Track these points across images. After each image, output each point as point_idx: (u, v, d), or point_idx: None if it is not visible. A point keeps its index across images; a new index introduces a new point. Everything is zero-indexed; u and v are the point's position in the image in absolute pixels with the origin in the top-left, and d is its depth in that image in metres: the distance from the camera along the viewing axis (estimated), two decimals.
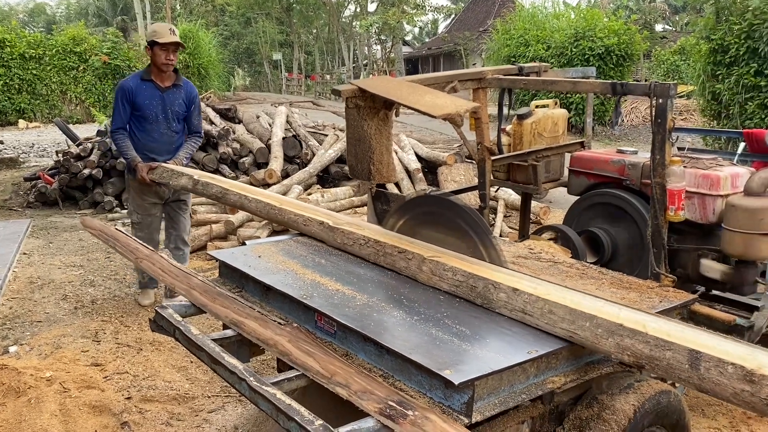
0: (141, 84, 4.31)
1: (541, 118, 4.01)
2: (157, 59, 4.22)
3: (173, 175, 3.97)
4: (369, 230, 2.76)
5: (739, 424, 3.24)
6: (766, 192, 3.01)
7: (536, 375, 1.96)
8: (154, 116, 4.34)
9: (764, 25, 10.15)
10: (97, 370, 3.71)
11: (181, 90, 4.44)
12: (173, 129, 4.46)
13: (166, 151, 4.44)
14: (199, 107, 4.59)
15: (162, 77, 4.32)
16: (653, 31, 27.37)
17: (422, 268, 2.42)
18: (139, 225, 4.51)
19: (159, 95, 4.33)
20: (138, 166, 4.26)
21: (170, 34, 4.20)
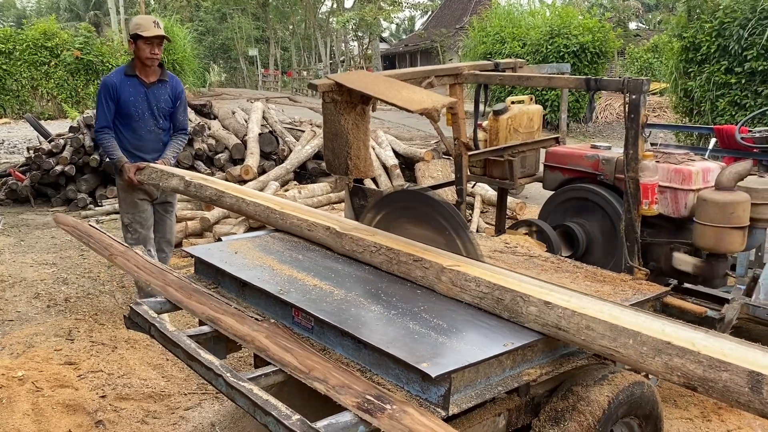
0: (125, 80, 4.11)
1: (516, 114, 4.03)
2: (141, 54, 4.03)
3: (163, 176, 3.78)
4: (380, 236, 2.62)
5: (710, 414, 3.31)
6: (736, 186, 3.06)
7: (512, 367, 1.98)
8: (139, 113, 4.14)
9: (734, 24, 10.34)
10: (71, 369, 3.66)
11: (167, 85, 4.25)
12: (160, 126, 4.27)
13: (153, 150, 4.25)
14: (185, 103, 4.43)
15: (147, 72, 4.13)
16: (627, 29, 27.70)
17: (441, 278, 2.27)
18: (131, 226, 4.24)
19: (144, 91, 4.14)
20: (125, 166, 4.06)
21: (154, 27, 4.01)
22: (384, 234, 2.67)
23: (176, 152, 4.37)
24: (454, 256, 2.42)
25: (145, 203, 4.29)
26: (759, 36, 10.05)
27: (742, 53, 10.31)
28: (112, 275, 5.36)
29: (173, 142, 4.37)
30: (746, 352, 1.64)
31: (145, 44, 3.99)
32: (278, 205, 3.07)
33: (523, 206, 7.08)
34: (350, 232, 2.67)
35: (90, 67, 19.55)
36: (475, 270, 2.24)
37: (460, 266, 2.27)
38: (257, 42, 39.61)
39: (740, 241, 3.05)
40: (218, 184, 3.43)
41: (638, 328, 1.79)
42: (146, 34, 3.95)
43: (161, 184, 3.80)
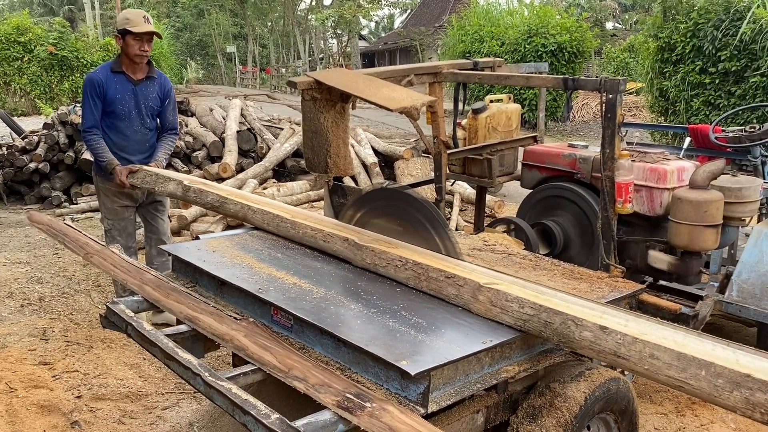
0: (111, 76, 3.89)
1: (495, 113, 4.06)
2: (130, 50, 3.82)
3: (158, 180, 3.57)
4: (404, 249, 2.45)
5: (684, 409, 3.37)
6: (709, 185, 3.12)
7: (491, 365, 1.99)
8: (126, 112, 3.93)
9: (708, 25, 10.49)
10: (46, 369, 3.61)
11: (155, 83, 4.04)
12: (147, 126, 4.05)
13: (139, 151, 4.04)
14: (174, 102, 4.22)
15: (134, 69, 3.93)
16: (604, 29, 27.98)
17: (478, 297, 2.10)
18: (111, 232, 4.08)
19: (131, 89, 3.93)
20: (116, 169, 3.83)
21: (144, 22, 3.82)
22: (407, 246, 2.51)
23: (168, 153, 4.16)
24: (490, 272, 2.27)
25: (128, 210, 4.10)
26: (732, 37, 10.22)
27: (716, 54, 10.48)
28: (87, 274, 5.29)
29: (164, 143, 4.16)
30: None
31: (134, 40, 3.80)
32: (289, 214, 2.89)
33: (501, 204, 7.12)
34: (371, 244, 2.50)
35: (64, 63, 19.21)
36: (515, 289, 2.08)
37: (498, 284, 2.11)
38: (235, 39, 39.30)
39: (714, 239, 3.10)
40: (220, 190, 3.24)
41: (710, 357, 1.63)
42: (136, 30, 3.77)
43: (156, 188, 3.59)
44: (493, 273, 2.27)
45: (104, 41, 19.85)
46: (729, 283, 3.49)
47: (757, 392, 1.52)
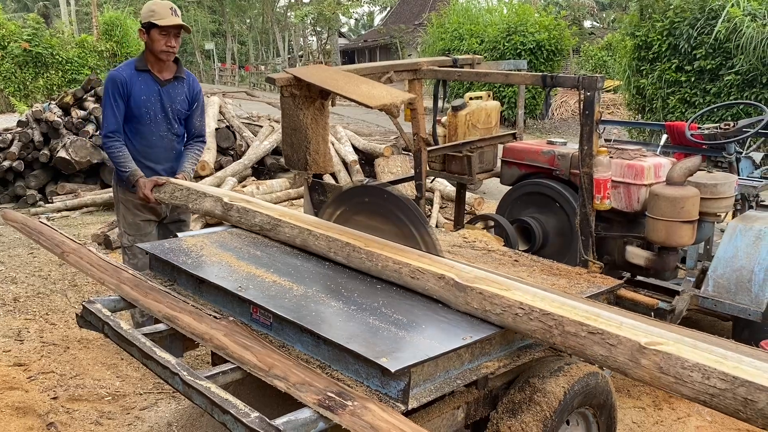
0: (135, 75, 3.47)
1: (475, 110, 4.07)
2: (155, 46, 3.41)
3: (190, 196, 3.17)
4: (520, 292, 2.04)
5: (661, 403, 3.41)
6: (686, 182, 3.16)
7: (471, 361, 2.00)
8: (151, 116, 3.50)
9: (684, 23, 10.63)
10: (21, 371, 3.55)
11: (184, 84, 3.61)
12: (174, 131, 3.61)
13: (166, 159, 3.61)
14: (203, 105, 3.80)
15: (161, 67, 3.51)
16: (582, 27, 28.22)
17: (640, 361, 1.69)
18: (131, 249, 3.57)
19: (157, 90, 3.50)
20: (139, 182, 3.39)
21: (172, 14, 3.41)
22: (524, 286, 2.12)
23: (195, 163, 3.72)
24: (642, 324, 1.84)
25: (150, 225, 3.66)
26: (707, 35, 10.36)
27: (692, 52, 10.62)
28: (63, 273, 5.22)
29: (191, 152, 3.70)
30: None
31: (160, 35, 3.39)
32: (361, 242, 2.49)
33: (481, 201, 7.15)
34: (476, 284, 2.09)
35: (39, 60, 18.93)
36: (688, 351, 1.66)
37: (664, 344, 1.69)
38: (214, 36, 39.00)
39: (690, 234, 3.14)
40: (270, 210, 2.88)
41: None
42: (162, 23, 3.37)
43: (189, 205, 3.17)
44: (654, 329, 1.82)
45: (80, 38, 19.57)
46: (705, 278, 3.54)
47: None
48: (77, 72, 18.48)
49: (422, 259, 2.33)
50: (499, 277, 2.18)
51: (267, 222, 2.78)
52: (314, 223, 2.72)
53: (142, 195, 3.38)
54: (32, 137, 7.84)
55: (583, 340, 1.80)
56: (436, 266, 2.24)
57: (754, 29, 9.65)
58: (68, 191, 7.86)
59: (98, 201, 7.55)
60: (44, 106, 8.39)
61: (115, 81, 3.44)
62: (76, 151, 7.69)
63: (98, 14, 20.62)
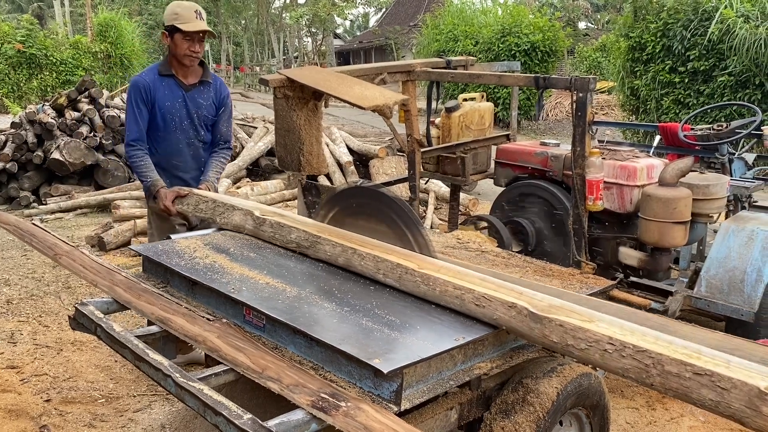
0: (159, 80, 3.36)
1: (468, 111, 4.08)
2: (178, 50, 3.29)
3: (217, 209, 2.99)
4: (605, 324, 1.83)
5: (654, 403, 3.42)
6: (678, 183, 3.17)
7: (463, 361, 2.00)
8: (176, 122, 3.39)
9: (678, 25, 10.67)
10: (14, 373, 3.54)
11: (210, 88, 3.48)
12: (200, 138, 3.49)
13: (193, 168, 3.51)
14: (230, 111, 3.66)
15: (185, 72, 3.39)
16: (576, 29, 28.29)
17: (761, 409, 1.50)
18: None
19: (182, 95, 3.39)
20: (160, 192, 3.25)
21: (196, 18, 3.28)
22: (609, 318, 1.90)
23: (220, 172, 3.58)
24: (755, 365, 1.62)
25: (183, 230, 3.54)
26: (701, 37, 10.41)
27: (685, 53, 10.66)
28: (57, 275, 5.20)
29: (216, 159, 3.55)
30: None
31: (184, 39, 3.27)
32: (414, 263, 2.26)
33: (476, 202, 7.16)
34: (554, 315, 1.89)
35: (33, 61, 18.85)
36: None
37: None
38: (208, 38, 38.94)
39: (682, 235, 3.16)
40: (307, 225, 2.68)
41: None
42: (186, 28, 3.24)
43: (216, 219, 2.98)
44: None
45: (74, 39, 19.52)
46: (698, 279, 3.56)
47: None
48: (71, 73, 18.42)
49: (486, 284, 2.10)
50: (577, 306, 1.97)
51: (304, 239, 2.58)
52: (358, 241, 2.48)
53: (162, 206, 3.24)
54: (26, 139, 7.81)
55: (687, 382, 1.61)
56: (504, 292, 2.03)
57: (747, 30, 9.70)
58: (62, 193, 7.84)
59: (92, 203, 7.53)
60: (38, 108, 8.36)
61: (138, 87, 3.33)
62: (69, 152, 7.67)
63: (92, 15, 20.55)
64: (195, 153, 3.51)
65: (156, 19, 37.58)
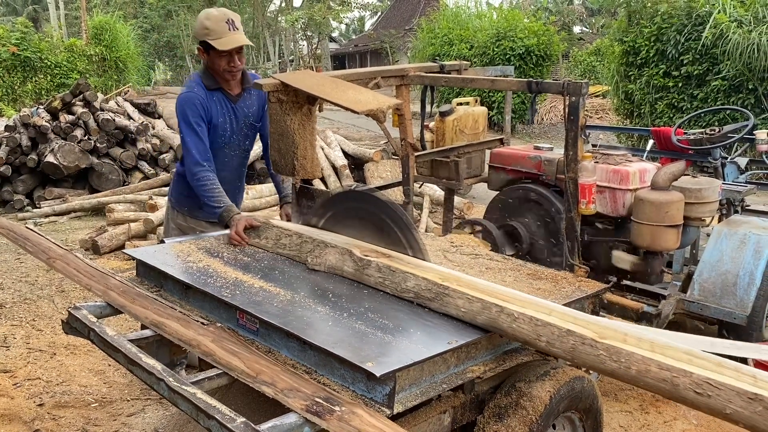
0: (210, 96, 3.15)
1: (462, 116, 4.09)
2: (216, 67, 3.10)
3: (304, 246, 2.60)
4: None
5: (648, 407, 3.43)
6: (670, 186, 3.19)
7: (456, 365, 2.01)
8: (227, 136, 3.22)
9: (671, 29, 10.73)
10: (6, 377, 3.53)
11: (252, 94, 3.29)
12: (245, 148, 3.35)
13: (233, 179, 3.37)
14: None
15: (229, 84, 3.20)
16: (571, 33, 28.39)
17: None
18: None
19: (230, 107, 3.22)
20: (235, 219, 2.91)
21: (229, 29, 3.01)
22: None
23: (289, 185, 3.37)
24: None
25: None
26: (694, 41, 10.46)
27: (679, 57, 10.72)
28: (50, 279, 5.19)
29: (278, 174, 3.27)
30: None
31: (221, 57, 3.06)
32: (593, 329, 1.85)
33: (470, 206, 7.17)
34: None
35: (27, 64, 18.80)
36: None
37: None
38: None
39: (675, 239, 3.17)
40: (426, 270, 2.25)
41: None
42: (220, 47, 3.01)
43: (308, 259, 2.55)
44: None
45: (69, 42, 19.49)
46: (691, 282, 3.58)
47: None
48: (66, 76, 18.39)
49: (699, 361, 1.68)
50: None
51: (426, 289, 2.15)
52: (502, 294, 2.07)
53: (235, 235, 2.88)
54: (20, 142, 7.80)
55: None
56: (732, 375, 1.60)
57: (741, 35, 9.75)
58: (56, 196, 7.82)
59: (86, 206, 7.51)
60: (32, 111, 8.36)
61: (194, 103, 3.08)
62: (64, 155, 7.66)
63: (88, 18, 20.52)
64: (237, 162, 3.38)
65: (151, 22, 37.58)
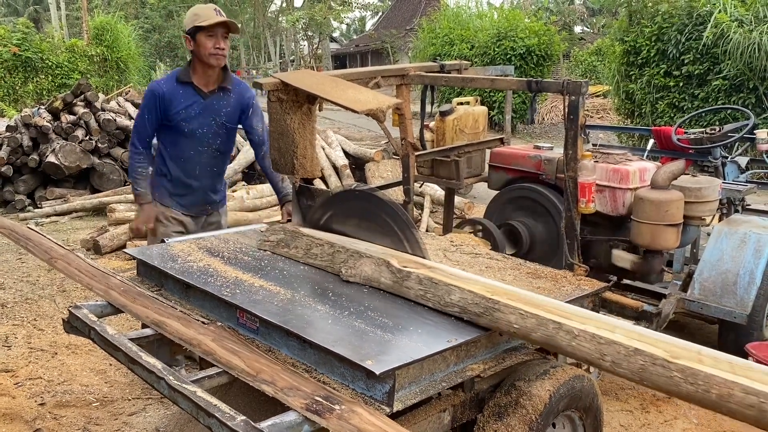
0: (177, 88, 3.29)
1: (462, 115, 4.09)
2: (203, 50, 3.20)
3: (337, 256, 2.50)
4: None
5: (648, 406, 3.43)
6: (670, 185, 3.19)
7: (456, 363, 2.01)
8: (191, 129, 3.31)
9: (672, 29, 10.73)
10: (8, 377, 3.54)
11: (230, 95, 3.38)
12: (216, 147, 3.41)
13: (204, 176, 3.43)
14: (259, 111, 3.47)
15: (206, 78, 3.30)
16: (572, 33, 28.37)
17: None
18: None
19: (200, 102, 3.31)
20: (144, 208, 3.24)
21: (216, 14, 3.21)
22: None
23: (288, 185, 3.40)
24: None
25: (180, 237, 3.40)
26: (695, 41, 10.46)
27: (680, 57, 10.72)
28: (52, 279, 5.20)
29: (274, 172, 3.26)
30: None
31: (207, 37, 3.18)
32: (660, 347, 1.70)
33: (471, 206, 7.17)
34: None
35: (29, 64, 18.83)
36: None
37: None
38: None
39: (674, 238, 3.17)
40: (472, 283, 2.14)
41: None
42: (206, 23, 3.16)
43: (342, 270, 2.42)
44: None
45: (70, 42, 19.51)
46: (691, 282, 3.58)
47: None
48: (67, 77, 18.41)
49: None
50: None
51: (473, 303, 2.02)
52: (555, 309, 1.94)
53: (136, 224, 3.20)
54: (21, 142, 7.81)
55: None
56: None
57: (741, 35, 9.75)
58: (57, 196, 7.83)
59: (87, 206, 7.52)
60: (34, 111, 8.37)
61: (152, 94, 3.28)
62: (65, 156, 7.67)
63: (89, 19, 20.55)
64: (207, 161, 3.43)
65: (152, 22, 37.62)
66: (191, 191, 3.43)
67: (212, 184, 3.50)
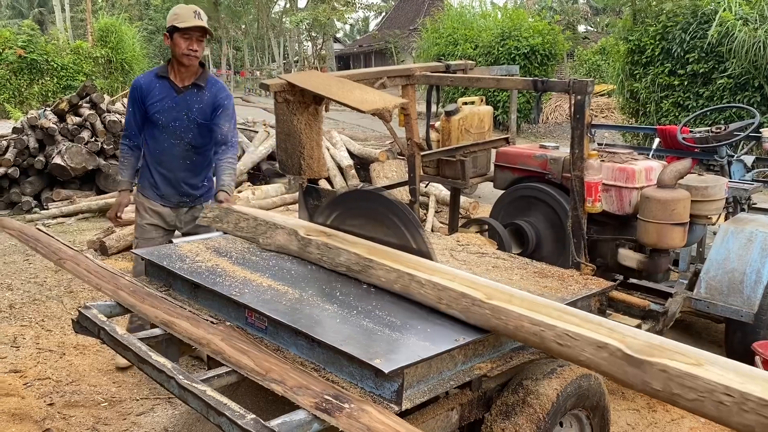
0: (154, 81, 3.51)
1: (467, 115, 4.10)
2: (177, 49, 3.39)
3: (258, 228, 2.82)
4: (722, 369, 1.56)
5: (656, 405, 3.43)
6: (676, 184, 3.19)
7: (464, 362, 2.02)
8: (164, 122, 3.50)
9: (677, 28, 10.71)
10: (17, 377, 3.56)
11: (204, 92, 3.53)
12: (188, 141, 3.55)
13: (178, 168, 3.58)
14: (231, 112, 3.62)
15: (181, 74, 3.49)
16: (576, 32, 28.34)
17: None
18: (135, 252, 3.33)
19: (174, 97, 3.50)
20: (120, 194, 3.61)
21: (195, 18, 3.37)
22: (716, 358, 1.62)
23: (233, 175, 3.55)
24: None
25: (157, 230, 3.67)
26: (700, 39, 10.44)
27: (684, 56, 10.69)
28: (59, 280, 5.22)
29: (224, 163, 3.51)
30: None
31: (182, 38, 3.38)
32: (482, 291, 2.04)
33: (476, 205, 7.18)
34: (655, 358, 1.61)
35: (34, 66, 18.91)
36: None
37: None
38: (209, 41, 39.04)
39: (681, 236, 3.17)
40: (357, 247, 2.47)
41: None
42: (183, 26, 3.34)
43: (259, 239, 2.78)
44: None
45: (75, 44, 19.57)
46: (697, 280, 3.57)
47: None
48: (72, 78, 18.47)
49: (567, 316, 1.85)
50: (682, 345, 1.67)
51: (354, 262, 2.39)
52: (415, 265, 2.26)
53: (113, 212, 3.64)
54: (27, 144, 7.84)
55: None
56: (591, 328, 1.76)
57: (746, 33, 9.73)
58: (64, 198, 7.86)
59: (94, 207, 7.55)
60: (39, 113, 8.39)
61: (133, 87, 3.58)
62: (71, 157, 7.70)
63: (93, 21, 20.62)
64: (180, 154, 3.59)
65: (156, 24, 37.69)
66: (166, 182, 3.62)
67: (187, 177, 3.64)
